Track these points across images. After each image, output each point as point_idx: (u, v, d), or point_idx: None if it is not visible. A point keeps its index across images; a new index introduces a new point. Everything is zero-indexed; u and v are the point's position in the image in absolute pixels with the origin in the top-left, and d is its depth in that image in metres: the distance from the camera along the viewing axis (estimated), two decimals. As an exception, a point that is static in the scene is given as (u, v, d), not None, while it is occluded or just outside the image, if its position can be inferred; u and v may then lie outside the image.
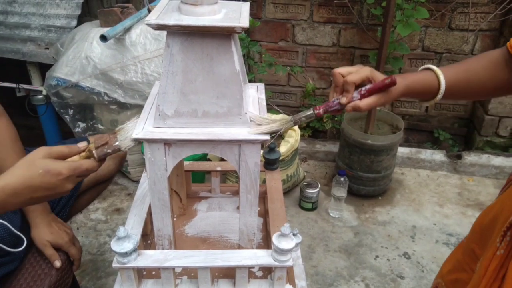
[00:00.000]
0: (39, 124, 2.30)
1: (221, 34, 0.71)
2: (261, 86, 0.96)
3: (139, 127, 0.78)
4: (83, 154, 0.79)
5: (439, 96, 0.79)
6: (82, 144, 0.80)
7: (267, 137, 0.78)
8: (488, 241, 0.75)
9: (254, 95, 0.92)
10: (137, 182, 2.15)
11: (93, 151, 0.78)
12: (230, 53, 0.73)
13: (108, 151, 0.79)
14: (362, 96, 0.76)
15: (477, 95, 0.84)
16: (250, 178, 0.83)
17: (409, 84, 0.78)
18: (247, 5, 0.81)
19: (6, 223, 0.93)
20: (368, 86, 0.76)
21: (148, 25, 0.69)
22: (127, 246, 0.79)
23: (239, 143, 0.79)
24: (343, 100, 0.76)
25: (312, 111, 0.79)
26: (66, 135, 2.36)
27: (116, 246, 0.79)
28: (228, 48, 0.73)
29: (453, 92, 0.79)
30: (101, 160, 0.79)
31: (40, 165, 0.72)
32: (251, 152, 0.79)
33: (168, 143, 0.78)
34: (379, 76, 0.77)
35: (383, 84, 0.75)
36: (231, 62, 0.74)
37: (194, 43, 0.72)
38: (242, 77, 0.78)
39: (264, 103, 0.90)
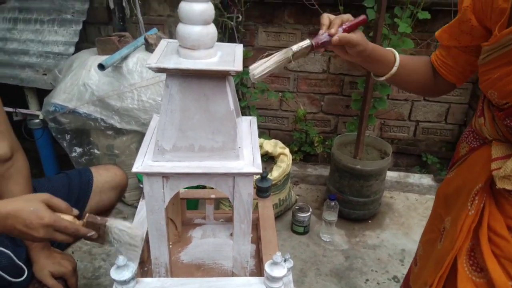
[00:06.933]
0: (35, 148, 2.33)
1: (217, 76, 0.77)
2: (254, 119, 1.02)
3: (139, 161, 0.83)
4: (74, 216, 0.92)
5: (394, 68, 0.95)
6: (76, 212, 0.93)
7: (260, 170, 0.83)
8: (452, 206, 0.96)
9: (247, 129, 0.97)
10: (132, 206, 2.18)
11: (85, 218, 0.90)
12: (225, 93, 0.79)
13: (95, 221, 0.90)
14: (345, 31, 0.87)
15: (414, 85, 1.02)
16: (244, 208, 0.87)
17: (375, 46, 0.92)
18: (240, 48, 0.87)
19: (9, 252, 0.97)
20: (348, 23, 0.88)
21: (149, 68, 0.75)
22: (126, 274, 0.83)
23: (233, 175, 0.84)
24: (332, 30, 0.86)
25: (309, 42, 0.86)
26: (62, 158, 2.39)
27: (115, 274, 0.83)
28: (223, 89, 0.79)
29: (401, 73, 0.96)
30: (88, 226, 0.90)
31: (35, 205, 0.85)
32: (245, 184, 0.84)
33: (166, 176, 0.83)
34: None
35: (359, 21, 0.88)
36: (226, 101, 0.79)
37: (192, 84, 0.78)
38: (236, 113, 0.84)
39: (257, 136, 0.95)
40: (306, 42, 0.86)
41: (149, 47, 1.99)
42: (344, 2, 2.11)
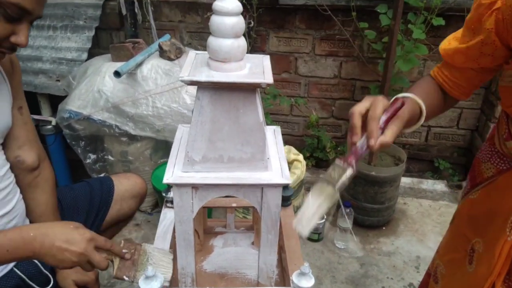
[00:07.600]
0: (48, 153, 2.34)
1: (248, 88, 0.77)
2: (278, 129, 1.02)
3: (169, 172, 0.83)
4: None
5: (420, 121, 0.84)
6: None
7: (289, 181, 0.83)
8: (482, 228, 0.91)
9: (272, 139, 0.97)
10: (145, 212, 2.18)
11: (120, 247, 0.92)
12: (254, 105, 0.79)
13: (130, 242, 0.93)
14: (382, 130, 0.75)
15: (433, 114, 0.93)
16: (271, 218, 0.87)
17: (409, 114, 0.81)
18: (267, 59, 0.87)
19: (37, 261, 0.97)
20: (384, 118, 0.75)
21: (182, 81, 0.75)
22: (155, 285, 0.83)
23: (261, 186, 0.84)
24: (372, 141, 0.72)
25: (351, 170, 0.74)
26: (74, 164, 2.40)
27: (144, 284, 0.83)
28: (253, 101, 0.79)
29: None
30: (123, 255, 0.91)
31: (73, 224, 0.89)
32: (273, 195, 0.84)
33: (195, 186, 0.83)
34: (388, 103, 0.77)
35: (396, 109, 0.76)
36: (255, 113, 0.80)
37: (223, 96, 0.78)
38: (264, 125, 0.84)
39: (282, 146, 0.95)
40: (349, 172, 0.74)
41: (163, 54, 1.99)
42: (357, 7, 2.11)
